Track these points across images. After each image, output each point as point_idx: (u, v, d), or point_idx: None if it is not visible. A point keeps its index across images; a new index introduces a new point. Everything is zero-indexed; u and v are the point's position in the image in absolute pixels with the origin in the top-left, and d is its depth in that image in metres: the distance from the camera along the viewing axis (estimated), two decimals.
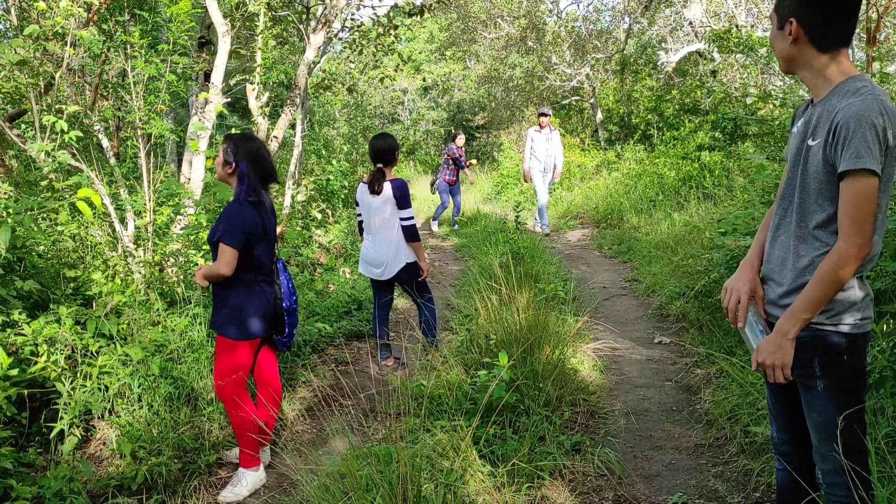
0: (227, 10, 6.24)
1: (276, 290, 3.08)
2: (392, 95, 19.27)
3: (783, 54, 1.86)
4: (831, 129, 1.72)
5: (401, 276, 4.31)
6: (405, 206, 4.22)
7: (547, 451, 3.09)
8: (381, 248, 4.29)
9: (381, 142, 4.28)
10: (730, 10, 11.58)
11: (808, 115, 1.86)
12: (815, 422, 1.86)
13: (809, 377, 1.83)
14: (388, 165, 4.27)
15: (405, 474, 2.38)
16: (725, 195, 7.81)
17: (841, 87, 1.77)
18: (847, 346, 1.79)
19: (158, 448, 3.10)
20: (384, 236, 4.28)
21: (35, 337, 3.19)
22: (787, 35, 1.81)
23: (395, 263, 4.28)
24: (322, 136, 11.98)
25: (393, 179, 4.23)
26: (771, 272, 1.94)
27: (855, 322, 1.79)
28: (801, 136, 1.86)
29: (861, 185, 1.68)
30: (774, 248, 1.94)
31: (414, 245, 4.28)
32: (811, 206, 1.80)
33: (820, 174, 1.76)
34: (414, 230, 4.25)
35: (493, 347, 3.80)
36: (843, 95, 1.75)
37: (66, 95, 4.55)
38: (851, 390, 1.81)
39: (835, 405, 1.80)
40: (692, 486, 2.93)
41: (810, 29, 1.78)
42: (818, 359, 1.80)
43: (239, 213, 2.92)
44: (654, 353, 4.59)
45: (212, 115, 5.27)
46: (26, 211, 3.31)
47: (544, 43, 15.56)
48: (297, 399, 4.00)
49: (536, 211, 9.81)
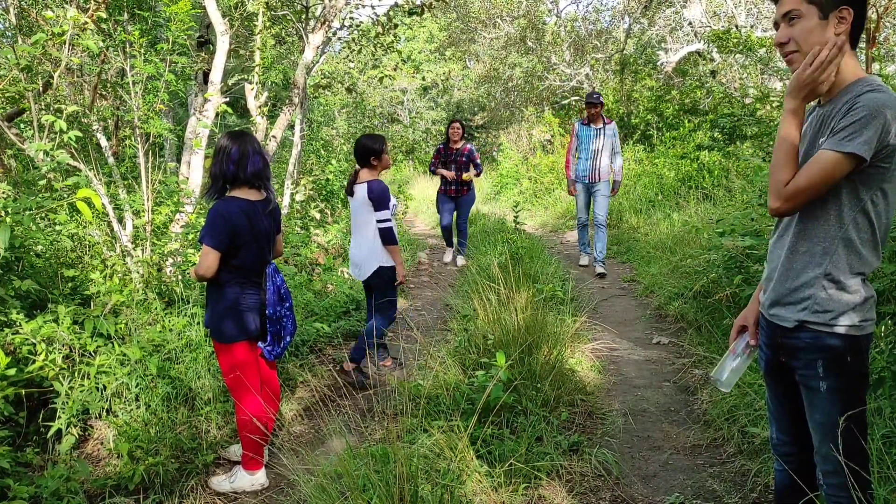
0: (225, 10, 6.24)
1: (262, 296, 3.00)
2: (391, 95, 19.28)
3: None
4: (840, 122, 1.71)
5: (373, 279, 4.21)
6: (381, 209, 4.11)
7: (544, 452, 3.09)
8: (358, 248, 4.25)
9: (361, 143, 4.22)
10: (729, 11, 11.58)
11: (817, 117, 1.85)
12: (817, 423, 1.86)
13: (812, 378, 1.83)
14: (366, 167, 4.22)
15: (402, 474, 2.38)
16: (724, 196, 7.81)
17: (851, 87, 1.76)
18: (850, 348, 1.79)
19: (156, 448, 3.10)
20: (359, 238, 4.23)
21: (33, 335, 3.19)
22: (838, 23, 1.75)
23: (368, 266, 4.20)
24: (321, 135, 11.98)
25: (371, 181, 4.15)
26: (772, 271, 1.96)
27: (857, 324, 1.79)
28: (810, 136, 1.85)
29: (831, 163, 1.69)
30: (776, 247, 1.96)
31: (390, 248, 4.17)
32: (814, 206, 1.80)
33: None
34: (389, 233, 4.13)
35: (491, 348, 3.80)
36: (852, 95, 1.73)
37: (64, 95, 4.55)
38: (853, 392, 1.81)
39: (837, 406, 1.80)
40: (689, 487, 2.93)
41: (854, 22, 1.75)
42: (821, 360, 1.81)
43: (222, 212, 2.83)
44: (653, 354, 4.60)
45: (211, 115, 5.27)
46: (25, 210, 3.31)
47: (544, 43, 15.56)
48: (294, 399, 4.00)
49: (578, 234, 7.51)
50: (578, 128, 6.95)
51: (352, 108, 14.23)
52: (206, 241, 2.81)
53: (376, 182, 4.15)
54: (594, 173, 6.91)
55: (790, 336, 1.88)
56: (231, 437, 3.46)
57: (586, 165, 6.91)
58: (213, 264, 2.82)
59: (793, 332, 1.87)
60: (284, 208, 6.90)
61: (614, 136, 6.89)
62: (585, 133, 6.89)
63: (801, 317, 1.84)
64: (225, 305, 2.92)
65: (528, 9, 15.41)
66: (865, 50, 6.83)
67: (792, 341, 1.88)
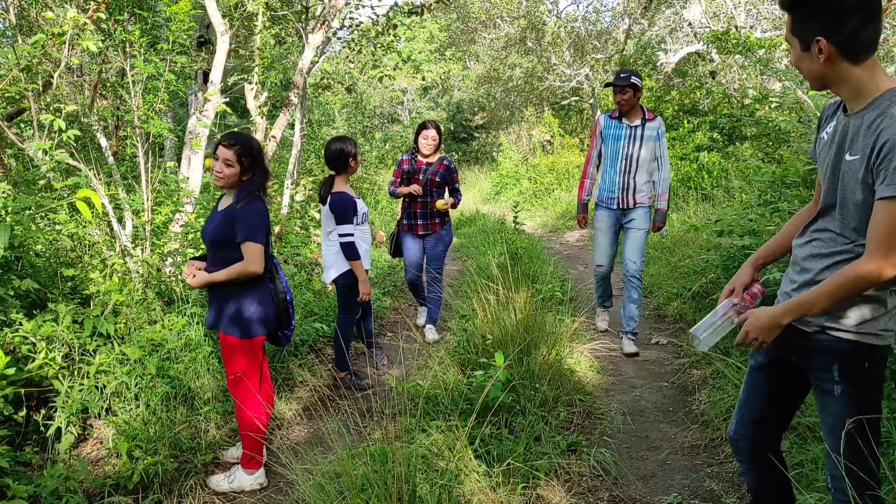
0: (225, 10, 6.25)
1: (278, 285, 3.09)
2: (391, 95, 19.29)
3: (815, 74, 1.78)
4: (875, 148, 1.64)
5: (338, 281, 4.12)
6: (343, 222, 3.98)
7: (543, 452, 3.10)
8: (326, 252, 4.16)
9: (330, 147, 4.07)
10: (729, 11, 11.59)
11: (842, 126, 1.79)
12: (829, 426, 1.85)
13: (827, 381, 1.83)
14: (339, 173, 4.09)
15: (401, 474, 2.39)
16: (723, 196, 7.82)
17: (879, 101, 1.70)
18: (869, 355, 1.79)
19: (155, 447, 3.10)
20: (327, 243, 4.15)
21: (33, 334, 3.19)
22: (817, 55, 1.72)
23: (327, 276, 4.16)
24: (321, 135, 11.98)
25: (334, 192, 4.02)
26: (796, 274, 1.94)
27: (878, 332, 1.78)
28: (835, 147, 1.80)
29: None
30: (803, 249, 1.92)
31: (352, 264, 4.02)
32: (851, 221, 1.76)
33: (858, 191, 1.71)
34: (349, 248, 3.97)
35: (490, 347, 3.80)
36: (882, 110, 1.67)
37: (64, 94, 4.55)
38: (868, 398, 1.81)
39: (850, 411, 1.79)
40: (688, 487, 2.94)
41: (842, 42, 1.69)
42: (837, 364, 1.80)
43: (259, 211, 2.92)
44: (651, 354, 4.60)
45: (211, 114, 5.28)
46: (25, 210, 3.31)
47: (544, 43, 15.57)
48: (294, 399, 4.00)
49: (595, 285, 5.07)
50: (604, 122, 4.62)
51: (352, 108, 14.22)
52: (257, 239, 2.87)
53: (338, 196, 4.00)
54: (625, 194, 4.56)
55: (807, 338, 1.87)
56: (230, 436, 3.47)
57: (613, 182, 4.56)
58: (263, 260, 2.90)
59: (811, 335, 1.86)
60: (284, 208, 6.90)
61: (659, 137, 4.53)
62: (614, 131, 4.54)
63: (822, 321, 1.82)
64: (254, 300, 2.95)
65: (528, 9, 15.42)
66: None
67: (809, 343, 1.87)
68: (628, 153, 4.49)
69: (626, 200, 4.57)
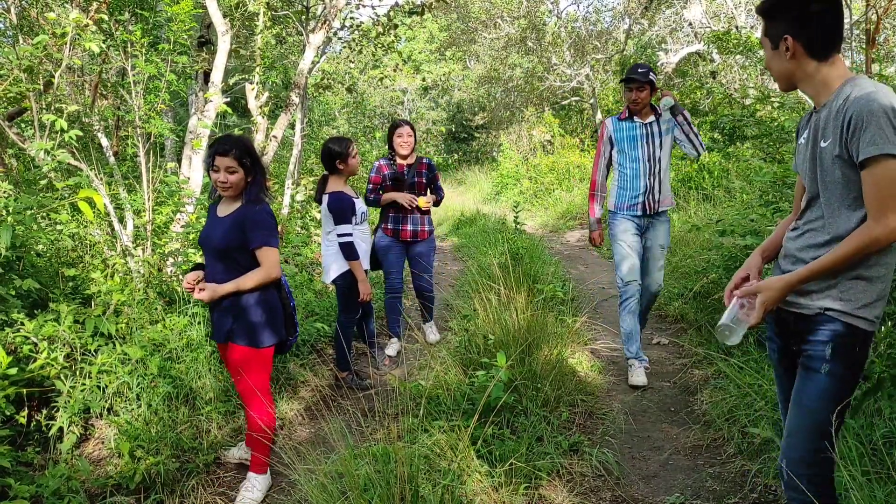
0: (226, 10, 6.25)
1: (282, 291, 3.03)
2: (392, 95, 19.28)
3: (782, 72, 1.92)
4: (843, 124, 1.75)
5: (337, 281, 4.12)
6: (341, 222, 3.97)
7: (545, 452, 3.10)
8: (325, 252, 4.15)
9: (325, 147, 4.08)
10: (729, 12, 11.59)
11: (813, 122, 1.90)
12: (803, 406, 1.87)
13: (817, 360, 1.85)
14: (332, 174, 4.10)
15: (403, 474, 2.39)
16: (724, 196, 7.82)
17: (842, 89, 1.81)
18: (860, 339, 1.82)
19: (157, 447, 3.10)
20: (326, 242, 4.13)
21: (35, 334, 3.19)
22: (784, 52, 1.87)
23: (327, 276, 4.15)
24: (322, 135, 11.98)
25: (331, 192, 4.02)
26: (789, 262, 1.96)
27: (871, 318, 1.82)
28: (811, 142, 1.89)
29: (883, 169, 1.69)
30: (797, 241, 1.95)
31: (351, 264, 4.01)
32: (835, 201, 1.82)
33: (836, 169, 1.79)
34: (348, 248, 3.97)
35: (492, 348, 3.80)
36: (846, 96, 1.78)
37: (65, 94, 4.55)
38: (850, 380, 1.85)
39: (832, 391, 1.82)
40: (690, 487, 2.93)
41: (807, 40, 1.83)
42: (832, 343, 1.82)
43: (269, 213, 2.86)
44: (653, 354, 4.60)
45: (212, 115, 5.28)
46: (26, 210, 3.31)
47: (544, 43, 15.58)
48: (296, 399, 4.00)
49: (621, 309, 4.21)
50: (613, 126, 4.18)
51: (352, 108, 14.22)
52: (273, 243, 2.80)
53: (335, 195, 4.00)
54: (652, 197, 4.11)
55: (805, 321, 1.89)
56: (232, 436, 3.47)
57: (636, 187, 4.10)
58: (279, 264, 2.84)
59: (811, 318, 1.87)
60: (285, 208, 6.91)
61: (672, 126, 4.12)
62: (628, 133, 4.12)
63: (825, 304, 1.84)
64: (262, 308, 2.86)
65: (528, 9, 15.42)
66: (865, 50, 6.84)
67: (806, 325, 1.89)
68: (650, 153, 4.07)
69: (652, 204, 4.11)
